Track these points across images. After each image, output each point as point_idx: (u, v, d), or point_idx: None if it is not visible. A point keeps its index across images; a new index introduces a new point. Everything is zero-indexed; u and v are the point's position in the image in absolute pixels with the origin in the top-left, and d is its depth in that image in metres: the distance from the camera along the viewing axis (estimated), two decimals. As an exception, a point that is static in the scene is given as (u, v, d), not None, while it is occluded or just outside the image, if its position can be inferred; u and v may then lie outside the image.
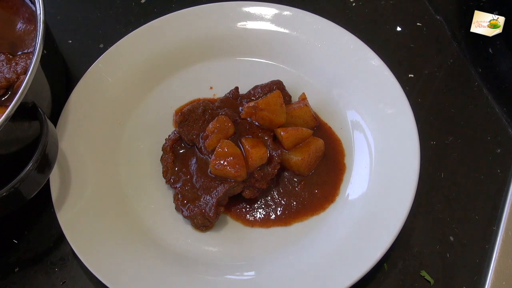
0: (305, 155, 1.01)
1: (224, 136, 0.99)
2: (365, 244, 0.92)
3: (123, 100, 1.11)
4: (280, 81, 1.10)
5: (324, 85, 1.12)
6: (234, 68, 1.17)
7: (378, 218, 0.94)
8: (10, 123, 0.83)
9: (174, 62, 1.16)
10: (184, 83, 1.15)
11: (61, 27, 1.27)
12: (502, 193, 1.02)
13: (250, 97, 1.08)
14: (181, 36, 1.16)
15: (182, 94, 1.14)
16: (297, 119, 1.05)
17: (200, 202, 0.97)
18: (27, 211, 1.02)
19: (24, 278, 0.98)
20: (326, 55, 1.12)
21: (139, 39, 1.14)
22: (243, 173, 0.96)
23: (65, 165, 1.01)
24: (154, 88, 1.15)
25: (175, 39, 1.16)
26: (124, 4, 1.31)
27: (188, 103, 1.12)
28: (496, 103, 1.12)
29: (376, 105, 1.05)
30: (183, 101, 1.13)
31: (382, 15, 1.25)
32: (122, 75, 1.12)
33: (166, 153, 1.04)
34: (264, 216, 1.00)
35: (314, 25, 1.14)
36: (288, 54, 1.15)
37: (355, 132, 1.07)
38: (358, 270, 0.88)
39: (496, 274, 0.93)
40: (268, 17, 1.16)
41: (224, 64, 1.17)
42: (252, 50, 1.17)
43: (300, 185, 1.02)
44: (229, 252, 0.97)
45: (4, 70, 0.98)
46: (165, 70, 1.15)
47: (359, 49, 1.10)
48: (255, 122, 1.03)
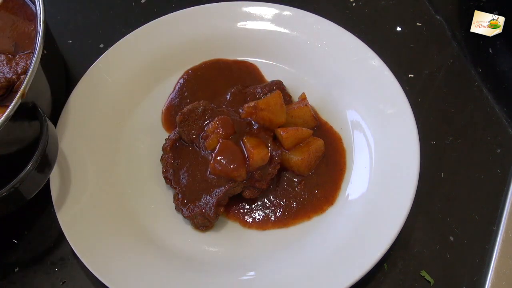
0: (305, 155, 1.01)
1: (224, 136, 0.99)
2: (365, 244, 0.91)
3: (123, 100, 1.11)
4: (280, 81, 1.10)
5: (324, 85, 1.12)
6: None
7: (378, 218, 0.94)
8: (10, 123, 0.83)
9: (174, 62, 1.16)
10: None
11: (61, 27, 1.27)
12: (502, 193, 1.02)
13: (250, 97, 1.08)
14: (181, 36, 1.16)
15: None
16: (297, 119, 1.05)
17: (200, 202, 0.97)
18: (27, 211, 1.02)
19: (24, 278, 0.98)
20: (326, 55, 1.12)
21: (139, 39, 1.14)
22: (243, 173, 0.96)
23: (65, 165, 1.01)
24: (154, 88, 1.14)
25: (175, 39, 1.16)
26: (124, 4, 1.31)
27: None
28: (496, 103, 1.12)
29: (376, 105, 1.05)
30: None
31: (382, 15, 1.25)
32: (122, 75, 1.12)
33: (166, 153, 1.04)
34: (263, 218, 1.00)
35: (314, 25, 1.14)
36: (288, 54, 1.15)
37: (355, 132, 1.07)
38: (358, 270, 0.88)
39: (496, 274, 0.93)
40: (268, 17, 1.16)
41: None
42: (252, 50, 1.17)
43: (300, 185, 1.02)
44: (229, 252, 0.97)
45: (4, 70, 0.98)
46: (165, 70, 1.15)
47: (359, 49, 1.10)
48: (255, 122, 1.02)
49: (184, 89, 1.13)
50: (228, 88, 1.12)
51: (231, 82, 1.14)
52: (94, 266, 0.92)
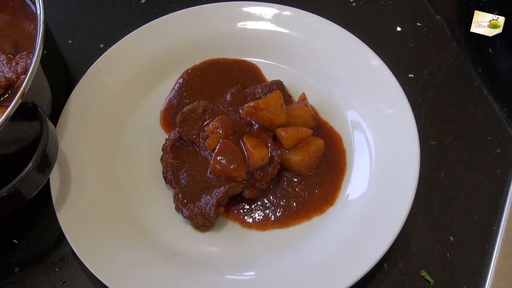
0: (305, 155, 1.01)
1: (224, 136, 0.99)
2: (365, 244, 0.91)
3: (123, 100, 1.11)
4: (280, 81, 1.10)
5: (324, 85, 1.12)
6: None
7: (378, 218, 0.94)
8: (10, 123, 0.83)
9: (174, 62, 1.16)
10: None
11: (61, 27, 1.27)
12: (502, 193, 1.02)
13: (250, 97, 1.08)
14: (181, 36, 1.16)
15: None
16: (297, 119, 1.05)
17: (200, 202, 0.97)
18: (27, 211, 1.02)
19: (24, 278, 0.98)
20: (326, 55, 1.12)
21: (139, 39, 1.14)
22: (243, 174, 0.96)
23: (65, 165, 1.01)
24: (154, 88, 1.14)
25: (175, 39, 1.16)
26: (124, 4, 1.31)
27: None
28: (496, 103, 1.12)
29: (376, 105, 1.05)
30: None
31: (382, 15, 1.25)
32: (122, 75, 1.12)
33: (166, 153, 1.04)
34: (263, 218, 1.00)
35: (314, 25, 1.14)
36: (288, 54, 1.15)
37: (355, 132, 1.07)
38: (358, 270, 0.88)
39: (496, 274, 0.93)
40: (268, 17, 1.16)
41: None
42: (252, 50, 1.17)
43: (300, 185, 1.02)
44: (229, 252, 0.97)
45: (4, 70, 0.98)
46: (165, 70, 1.15)
47: (359, 49, 1.10)
48: (255, 122, 1.02)
49: (183, 89, 1.14)
50: (228, 88, 1.12)
51: (231, 82, 1.14)
52: (94, 266, 0.91)
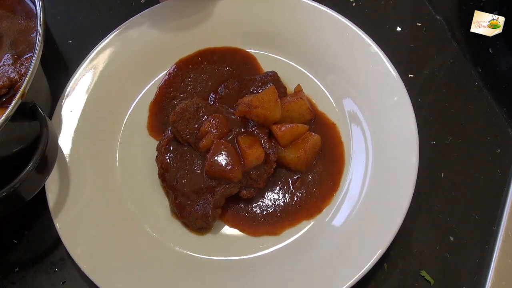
0: (301, 152, 1.00)
1: (219, 135, 0.98)
2: (365, 244, 0.91)
3: (119, 100, 1.10)
4: (275, 72, 1.08)
5: (320, 74, 1.11)
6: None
7: (378, 215, 0.93)
8: (10, 123, 0.83)
9: (168, 56, 1.14)
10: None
11: (61, 27, 1.27)
12: (502, 193, 1.02)
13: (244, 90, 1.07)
14: (175, 28, 1.14)
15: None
16: (293, 113, 1.03)
17: (197, 204, 0.96)
18: (27, 211, 1.02)
19: (24, 278, 0.98)
20: (321, 43, 1.10)
21: (135, 31, 1.13)
22: (238, 174, 0.95)
23: (62, 165, 1.00)
24: (148, 85, 1.13)
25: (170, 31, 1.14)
26: (124, 4, 1.30)
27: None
28: (496, 103, 1.12)
29: (374, 95, 1.03)
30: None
31: (382, 15, 1.25)
32: (120, 75, 1.11)
33: (161, 153, 1.02)
34: (261, 218, 0.99)
35: (308, 12, 1.12)
36: (283, 43, 1.13)
37: (352, 125, 1.05)
38: (358, 270, 0.88)
39: (496, 274, 0.93)
40: (260, 6, 1.14)
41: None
42: (247, 40, 1.15)
43: (297, 184, 1.02)
44: (227, 253, 0.97)
45: (8, 70, 0.97)
46: (160, 64, 1.14)
47: (356, 36, 1.08)
48: (250, 120, 1.01)
49: (173, 84, 1.12)
50: (222, 78, 1.11)
51: (225, 73, 1.12)
52: (91, 270, 0.91)
